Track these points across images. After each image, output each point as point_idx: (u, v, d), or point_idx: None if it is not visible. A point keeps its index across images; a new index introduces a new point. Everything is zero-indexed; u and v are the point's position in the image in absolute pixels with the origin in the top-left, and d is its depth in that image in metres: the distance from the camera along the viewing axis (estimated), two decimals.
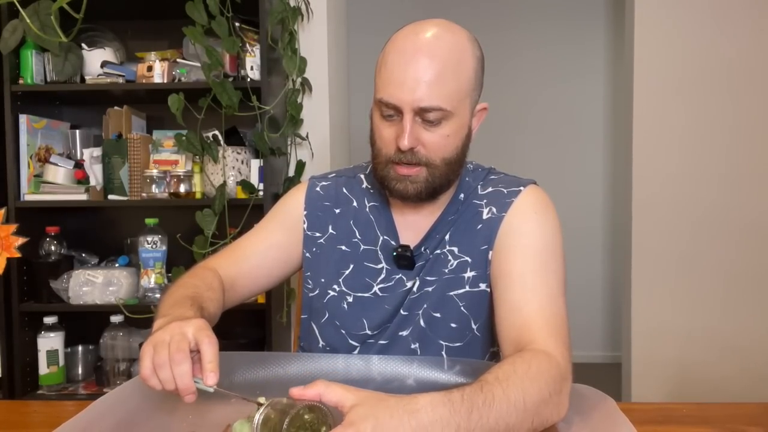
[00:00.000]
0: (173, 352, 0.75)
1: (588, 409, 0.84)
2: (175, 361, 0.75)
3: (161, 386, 0.76)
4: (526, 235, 0.99)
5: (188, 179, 2.03)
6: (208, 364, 0.76)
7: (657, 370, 2.37)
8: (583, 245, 3.70)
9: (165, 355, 0.76)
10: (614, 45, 3.67)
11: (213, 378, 0.75)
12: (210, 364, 0.76)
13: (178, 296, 0.94)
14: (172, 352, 0.75)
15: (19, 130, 2.03)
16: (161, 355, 0.76)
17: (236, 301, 1.11)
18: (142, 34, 2.28)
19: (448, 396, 0.70)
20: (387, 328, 1.05)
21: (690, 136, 2.35)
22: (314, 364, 0.99)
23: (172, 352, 0.75)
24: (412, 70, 0.92)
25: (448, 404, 0.69)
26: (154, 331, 0.83)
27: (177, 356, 0.75)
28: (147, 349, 0.77)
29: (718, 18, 2.31)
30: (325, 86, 2.28)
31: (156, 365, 0.76)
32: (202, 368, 0.76)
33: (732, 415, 0.92)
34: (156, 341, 0.77)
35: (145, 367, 0.76)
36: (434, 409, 0.68)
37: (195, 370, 0.76)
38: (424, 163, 0.96)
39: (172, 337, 0.77)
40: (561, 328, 0.90)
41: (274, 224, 1.16)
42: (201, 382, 0.76)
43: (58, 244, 2.09)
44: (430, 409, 0.68)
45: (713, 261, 2.35)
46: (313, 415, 0.70)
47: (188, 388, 0.75)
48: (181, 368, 0.75)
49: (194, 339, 0.78)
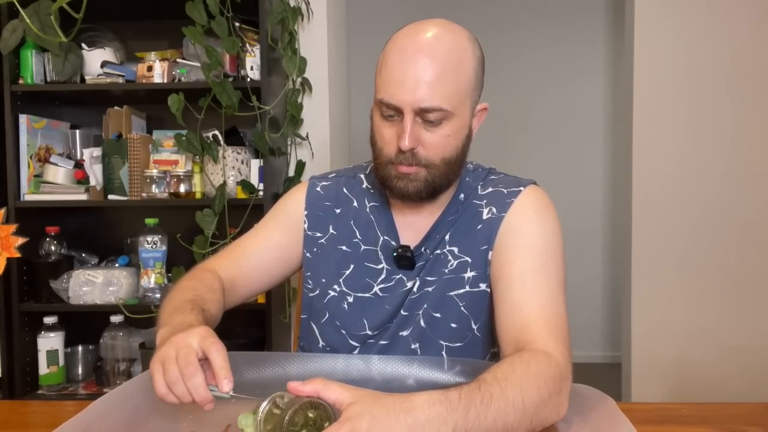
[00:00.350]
0: (183, 366, 0.75)
1: (588, 409, 0.84)
2: (186, 376, 0.75)
3: (179, 401, 0.76)
4: (526, 235, 0.99)
5: (188, 179, 2.03)
6: (221, 371, 0.76)
7: (657, 370, 2.37)
8: (583, 245, 3.70)
9: (175, 371, 0.75)
10: (614, 45, 3.68)
11: (228, 384, 0.75)
12: (222, 371, 0.76)
13: (179, 301, 0.94)
14: (182, 366, 0.75)
15: (19, 130, 2.03)
16: (171, 372, 0.75)
17: (237, 302, 1.12)
18: (142, 34, 2.28)
19: (445, 394, 0.70)
20: (387, 329, 1.05)
21: (690, 136, 2.35)
22: (314, 364, 0.99)
23: (182, 367, 0.75)
24: (413, 71, 0.92)
25: (445, 402, 0.69)
26: (158, 344, 0.82)
27: (187, 370, 0.75)
28: (156, 368, 0.77)
29: (717, 18, 2.31)
30: (325, 86, 2.28)
31: (169, 383, 0.76)
32: (216, 376, 0.76)
33: (731, 415, 0.92)
34: (163, 358, 0.77)
35: (159, 385, 0.76)
36: (431, 407, 0.68)
37: (208, 378, 0.76)
38: (424, 163, 0.96)
39: (178, 351, 0.77)
40: (561, 328, 0.90)
41: (275, 224, 1.16)
42: (216, 389, 0.76)
43: (58, 244, 2.09)
44: (426, 407, 0.68)
45: (713, 261, 2.35)
46: (317, 413, 0.70)
47: (206, 398, 0.75)
48: (195, 381, 0.75)
49: (201, 348, 0.77)
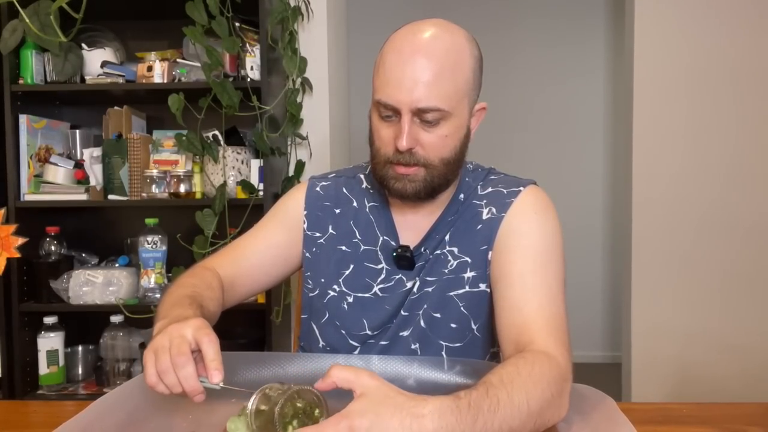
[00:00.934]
0: (175, 355, 0.75)
1: (588, 409, 0.84)
2: (178, 365, 0.75)
3: (169, 391, 0.77)
4: (526, 236, 0.99)
5: (188, 179, 2.03)
6: (211, 363, 0.76)
7: (657, 369, 2.37)
8: (583, 245, 3.70)
9: (167, 360, 0.75)
10: (614, 44, 3.67)
11: (218, 376, 0.75)
12: (213, 362, 0.76)
13: (177, 296, 0.94)
14: (174, 356, 0.75)
15: (19, 130, 2.03)
16: (163, 361, 0.76)
17: (236, 301, 1.11)
18: (142, 34, 2.28)
19: (456, 402, 0.68)
20: (387, 329, 1.05)
21: (690, 136, 2.35)
22: (314, 364, 0.99)
23: (174, 356, 0.75)
24: (410, 71, 0.91)
25: (456, 411, 0.67)
26: (154, 334, 0.82)
27: (179, 360, 0.75)
28: (149, 356, 0.77)
29: (718, 17, 2.31)
30: (325, 86, 2.28)
31: (160, 372, 0.76)
32: (206, 367, 0.76)
33: (732, 415, 0.92)
34: (156, 347, 0.77)
35: (150, 374, 0.76)
36: (441, 417, 0.66)
37: (199, 370, 0.76)
38: (422, 163, 0.96)
39: (171, 340, 0.77)
40: (561, 328, 0.90)
41: (274, 224, 1.16)
42: (207, 381, 0.76)
43: (58, 244, 2.09)
44: (437, 416, 0.66)
45: (713, 261, 2.35)
46: (305, 402, 0.70)
47: (196, 389, 0.76)
48: (186, 371, 0.75)
49: (194, 339, 0.78)
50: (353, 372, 0.69)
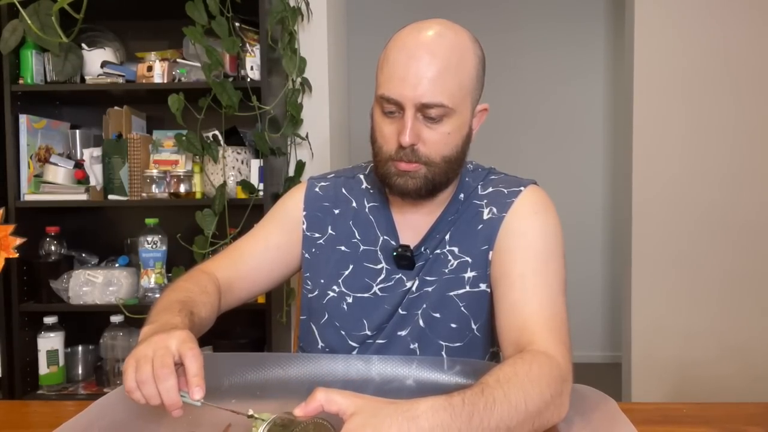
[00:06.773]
0: (158, 367, 0.74)
1: (588, 409, 0.84)
2: (160, 378, 0.74)
3: (145, 401, 0.75)
4: (526, 236, 0.99)
5: (188, 179, 2.03)
6: (193, 378, 0.75)
7: (657, 369, 2.37)
8: (583, 245, 3.70)
9: (148, 371, 0.74)
10: (614, 45, 3.67)
11: (199, 392, 0.75)
12: (195, 378, 0.75)
13: (168, 301, 0.93)
14: (157, 367, 0.74)
15: (19, 130, 2.03)
16: (144, 371, 0.74)
17: (235, 303, 1.11)
18: (142, 34, 2.28)
19: (449, 400, 0.69)
20: (384, 328, 1.05)
21: (690, 137, 2.35)
22: (314, 365, 0.99)
23: (157, 368, 0.74)
24: (415, 67, 0.92)
25: (449, 409, 0.68)
26: (140, 339, 0.82)
27: (161, 372, 0.74)
28: (130, 363, 0.76)
29: (718, 18, 2.31)
30: (325, 86, 2.28)
31: (139, 381, 0.74)
32: (188, 383, 0.75)
33: (732, 415, 0.92)
34: (139, 356, 0.76)
35: (128, 381, 0.75)
36: (435, 414, 0.67)
37: (180, 384, 0.75)
38: (423, 161, 0.96)
39: (155, 351, 0.76)
40: (561, 328, 0.90)
41: (273, 225, 1.15)
42: (187, 396, 0.75)
43: (58, 244, 2.09)
44: (430, 414, 0.67)
45: (713, 261, 2.35)
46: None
47: (175, 403, 0.74)
48: (167, 384, 0.74)
49: (178, 352, 0.77)
50: (339, 393, 0.69)
